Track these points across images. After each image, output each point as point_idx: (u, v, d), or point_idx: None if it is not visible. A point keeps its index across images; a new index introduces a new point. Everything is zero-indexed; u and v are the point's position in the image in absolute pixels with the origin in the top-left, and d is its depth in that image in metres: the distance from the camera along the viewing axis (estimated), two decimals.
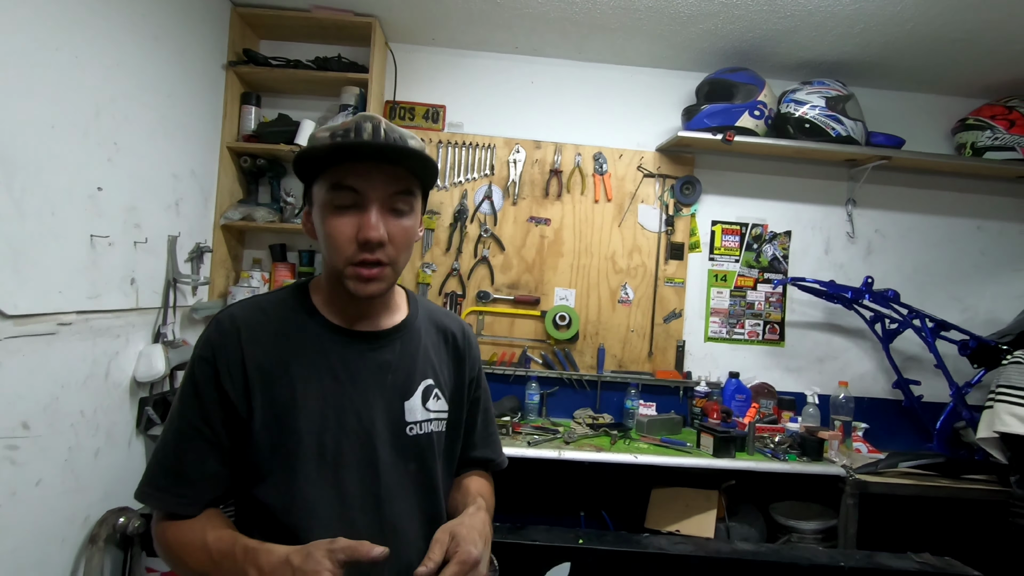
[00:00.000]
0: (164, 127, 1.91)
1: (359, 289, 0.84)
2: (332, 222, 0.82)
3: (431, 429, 0.92)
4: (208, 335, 0.86)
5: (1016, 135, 2.41)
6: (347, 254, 0.82)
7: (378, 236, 0.81)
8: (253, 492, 0.83)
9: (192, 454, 0.82)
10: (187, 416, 0.83)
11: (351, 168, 0.81)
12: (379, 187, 0.82)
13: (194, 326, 2.20)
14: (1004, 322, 2.63)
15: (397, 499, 0.87)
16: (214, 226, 2.28)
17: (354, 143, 0.79)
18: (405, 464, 0.89)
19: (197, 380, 0.83)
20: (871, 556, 1.92)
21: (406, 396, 0.91)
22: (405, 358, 0.92)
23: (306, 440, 0.83)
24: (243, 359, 0.84)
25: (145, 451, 1.94)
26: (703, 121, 2.36)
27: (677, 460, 2.08)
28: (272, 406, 0.83)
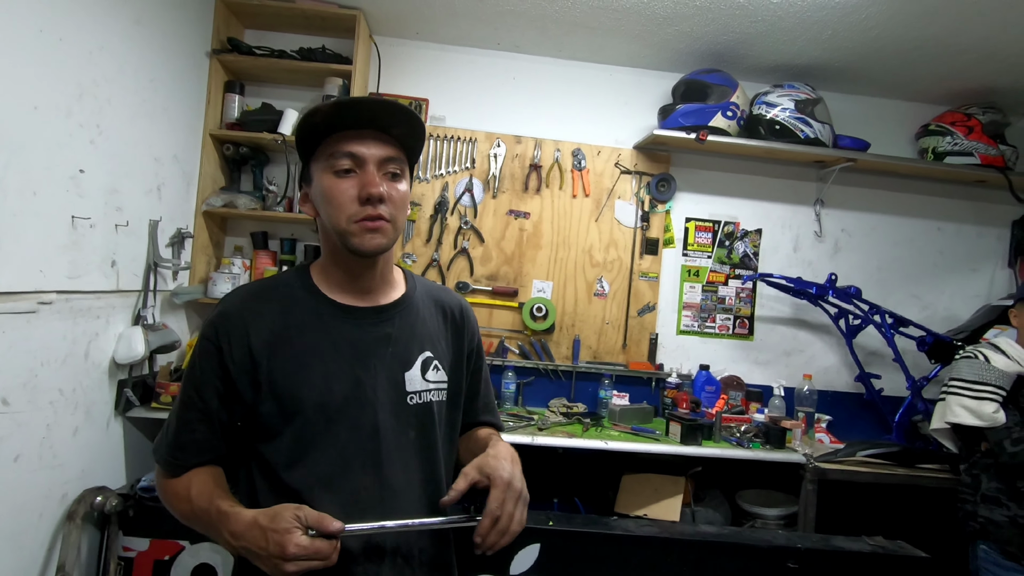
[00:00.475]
0: (147, 112, 1.93)
1: (364, 242, 0.89)
2: (334, 184, 0.88)
3: (431, 399, 0.98)
4: (213, 317, 0.92)
5: (974, 141, 2.52)
6: (350, 212, 0.88)
7: (379, 191, 0.87)
8: (261, 449, 0.90)
9: (185, 423, 0.91)
10: (186, 389, 0.92)
11: (347, 135, 0.87)
12: (375, 150, 0.88)
13: (174, 310, 2.23)
14: (961, 319, 2.76)
15: (397, 463, 0.92)
16: (196, 212, 2.30)
17: (355, 99, 0.88)
18: (405, 431, 0.95)
19: (198, 358, 0.91)
20: (827, 539, 2.01)
21: (406, 367, 0.96)
22: (404, 331, 0.98)
23: (310, 406, 0.89)
24: (248, 337, 0.90)
25: (124, 433, 1.97)
26: (678, 120, 2.43)
27: (646, 447, 2.16)
28: (278, 376, 0.89)
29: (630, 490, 2.29)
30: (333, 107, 0.86)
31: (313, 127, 0.89)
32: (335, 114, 0.87)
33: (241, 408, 0.91)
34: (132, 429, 2.01)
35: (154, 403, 2.01)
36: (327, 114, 0.87)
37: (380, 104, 0.88)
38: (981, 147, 2.52)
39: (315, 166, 0.92)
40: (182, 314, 2.29)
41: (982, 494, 1.98)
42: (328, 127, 0.88)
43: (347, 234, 0.90)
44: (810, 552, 1.91)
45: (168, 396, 2.01)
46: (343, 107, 0.87)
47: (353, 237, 0.89)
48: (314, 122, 0.88)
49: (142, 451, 2.05)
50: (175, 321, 2.22)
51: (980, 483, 1.99)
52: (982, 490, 1.99)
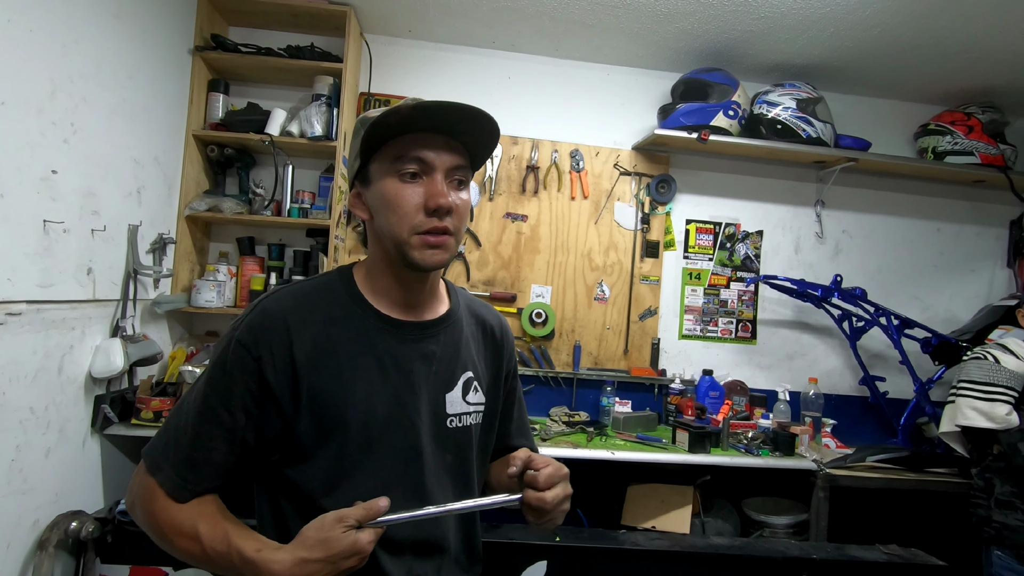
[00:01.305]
0: (126, 111, 1.82)
1: (425, 258, 0.82)
2: (400, 190, 0.82)
3: (469, 422, 0.92)
4: (251, 321, 0.81)
5: (974, 140, 2.50)
6: (414, 222, 0.81)
7: (448, 202, 0.81)
8: (288, 472, 0.82)
9: (204, 439, 0.80)
10: (210, 400, 0.80)
11: (416, 139, 0.81)
12: (444, 158, 0.83)
13: (155, 320, 2.11)
14: (961, 320, 2.73)
15: (437, 489, 0.86)
16: (178, 216, 2.19)
17: (437, 103, 0.79)
18: (443, 455, 0.89)
19: (230, 365, 0.79)
20: (841, 548, 1.95)
21: (448, 388, 0.90)
22: (448, 349, 0.92)
23: (353, 427, 0.81)
24: (291, 347, 0.81)
25: (101, 452, 1.84)
26: (679, 120, 2.38)
27: (653, 456, 2.08)
28: (320, 392, 0.81)
29: (636, 501, 2.21)
30: (413, 110, 0.78)
31: (385, 128, 0.81)
32: (412, 117, 0.79)
33: (274, 428, 0.81)
34: (110, 448, 1.88)
35: (134, 419, 1.88)
36: (405, 116, 0.79)
37: (461, 110, 0.80)
38: (981, 146, 2.50)
39: (376, 167, 0.84)
40: (164, 324, 2.17)
41: (995, 498, 1.94)
42: (397, 128, 0.81)
43: (407, 246, 0.82)
44: (825, 563, 1.84)
45: (149, 412, 1.89)
46: (422, 110, 0.79)
47: (413, 251, 0.82)
48: (388, 123, 0.80)
49: (121, 471, 1.92)
50: (156, 332, 2.10)
51: (993, 487, 1.95)
52: (995, 494, 1.94)
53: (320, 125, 2.22)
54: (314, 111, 2.22)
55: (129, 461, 1.97)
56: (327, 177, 2.38)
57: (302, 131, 2.24)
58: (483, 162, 0.91)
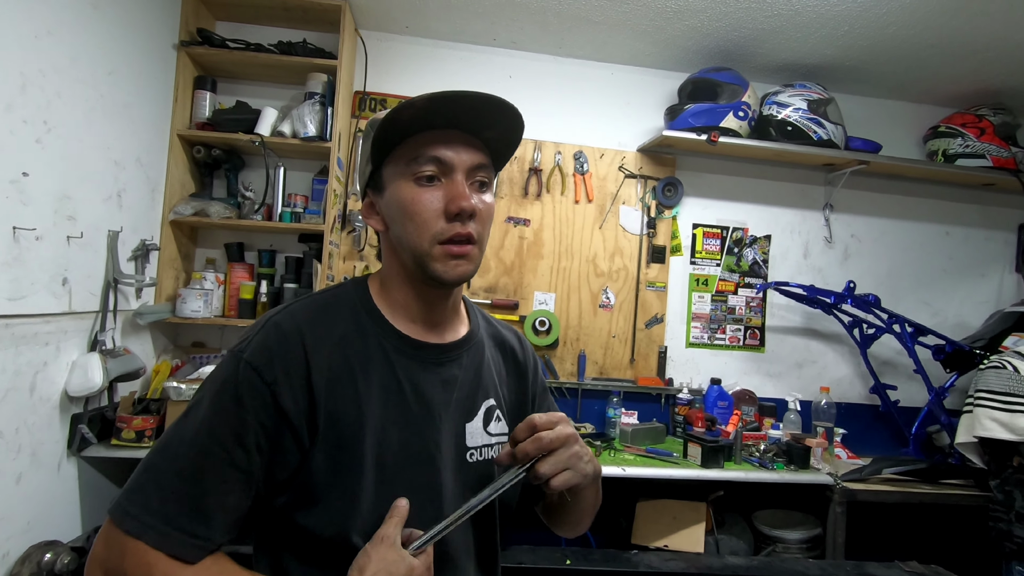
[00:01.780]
0: (105, 108, 1.70)
1: (448, 270, 0.73)
2: (416, 195, 0.73)
3: (491, 455, 0.82)
4: (264, 339, 0.70)
5: (986, 143, 2.45)
6: (435, 230, 0.72)
7: (471, 205, 0.72)
8: (298, 518, 0.70)
9: (216, 483, 0.65)
10: (217, 432, 0.66)
11: (432, 137, 0.73)
12: (464, 156, 0.74)
13: (138, 332, 1.98)
14: (971, 326, 2.68)
15: (456, 532, 0.75)
16: (162, 221, 2.06)
17: (454, 93, 0.69)
18: (462, 492, 0.78)
19: (241, 392, 0.67)
20: (860, 567, 1.88)
21: (468, 417, 0.80)
22: (469, 374, 0.82)
23: (369, 463, 0.71)
24: (309, 370, 0.70)
25: (79, 476, 1.71)
26: (687, 120, 2.30)
27: (666, 472, 1.99)
28: (337, 423, 0.70)
29: (647, 518, 2.12)
30: (427, 101, 0.69)
31: (398, 126, 0.72)
32: (427, 109, 0.70)
33: (288, 465, 0.69)
34: (89, 471, 1.75)
35: (114, 440, 1.76)
36: (420, 109, 0.70)
37: (482, 100, 0.71)
38: (993, 149, 2.45)
39: (389, 171, 0.75)
40: (147, 336, 2.04)
41: (1016, 512, 1.87)
42: (410, 126, 0.73)
43: (428, 258, 0.73)
44: None
45: (131, 431, 1.76)
46: (439, 102, 0.69)
47: (435, 263, 0.73)
48: (402, 119, 0.70)
49: (101, 495, 1.80)
50: (139, 345, 1.97)
51: (1014, 501, 1.88)
52: (1016, 508, 1.88)
53: (313, 125, 2.10)
54: (307, 110, 2.11)
55: (110, 484, 1.84)
56: (321, 180, 2.27)
57: (294, 131, 2.12)
58: (506, 161, 0.81)
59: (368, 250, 2.37)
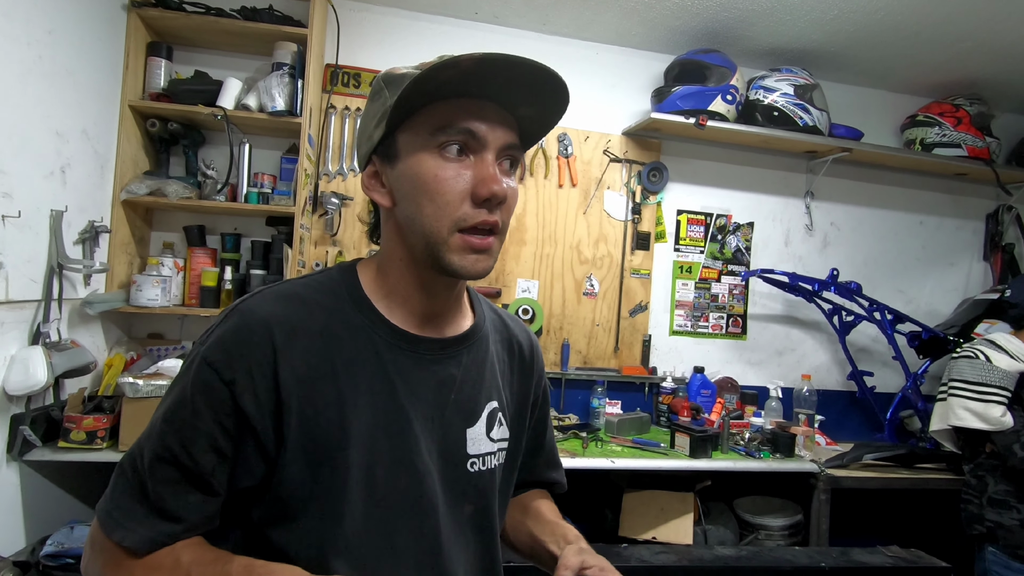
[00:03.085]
0: (44, 72, 1.51)
1: (465, 266, 0.64)
2: (440, 171, 0.62)
3: (494, 463, 0.73)
4: (223, 333, 0.62)
5: (962, 132, 2.48)
6: (457, 214, 0.63)
7: (503, 190, 0.63)
8: (271, 535, 0.62)
9: (169, 486, 0.60)
10: (167, 438, 0.60)
11: (466, 105, 0.63)
12: (499, 133, 0.64)
13: (87, 323, 1.80)
14: (942, 313, 2.74)
15: (455, 549, 0.68)
16: (113, 201, 1.88)
17: (508, 57, 0.59)
18: (461, 505, 0.70)
19: (192, 392, 0.60)
20: (846, 553, 1.89)
21: (469, 422, 0.71)
22: (471, 373, 0.72)
23: (355, 474, 0.62)
24: (276, 367, 0.61)
25: (21, 483, 1.55)
26: (675, 103, 2.24)
27: (654, 463, 1.95)
28: (313, 430, 0.62)
29: (634, 510, 2.08)
30: (476, 63, 0.59)
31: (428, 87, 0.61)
32: (472, 73, 0.60)
33: (254, 474, 0.61)
34: (33, 476, 1.58)
35: (62, 442, 1.59)
36: (464, 71, 0.59)
37: (533, 70, 0.61)
38: (969, 139, 2.48)
39: (407, 138, 0.65)
40: (98, 327, 1.86)
41: (989, 497, 1.91)
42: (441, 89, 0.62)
43: (443, 247, 0.63)
44: (834, 571, 1.77)
45: (81, 432, 1.60)
46: (489, 64, 0.59)
47: (451, 254, 0.63)
48: (439, 80, 0.60)
49: (47, 503, 1.63)
50: (88, 336, 1.79)
51: (987, 485, 1.92)
52: (989, 493, 1.91)
53: (282, 98, 1.94)
54: (275, 82, 1.94)
55: (57, 490, 1.68)
56: (290, 158, 2.11)
57: (261, 105, 1.96)
58: (533, 144, 0.72)
59: (344, 233, 2.23)
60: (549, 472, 0.89)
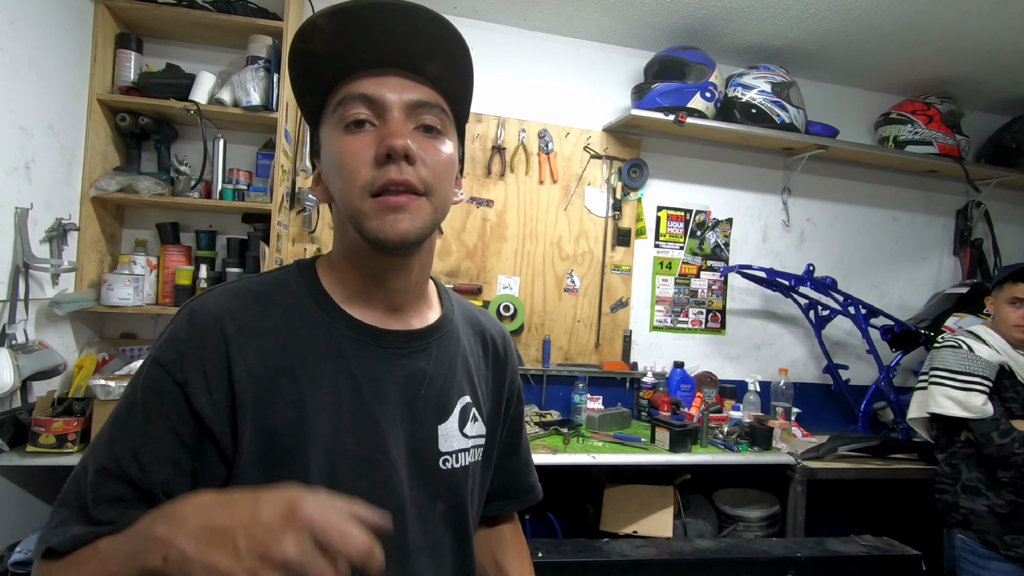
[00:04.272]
0: (5, 63, 1.46)
1: (383, 228, 0.60)
2: (344, 144, 0.61)
3: (468, 460, 0.71)
4: (174, 331, 0.59)
5: (933, 130, 2.54)
6: (364, 179, 0.60)
7: (403, 143, 0.59)
8: None
9: (112, 503, 0.55)
10: (115, 446, 0.56)
11: (361, 76, 0.61)
12: (397, 92, 0.61)
13: (55, 324, 1.75)
14: (914, 307, 2.80)
15: (425, 550, 0.66)
16: (82, 198, 1.83)
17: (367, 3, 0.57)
18: (432, 504, 0.68)
19: (143, 396, 0.57)
20: (821, 543, 1.93)
21: (441, 418, 0.69)
22: (442, 366, 0.70)
23: (316, 475, 0.59)
24: (229, 365, 0.58)
25: None
26: (655, 100, 2.24)
27: (635, 458, 1.97)
28: (272, 429, 0.59)
29: (615, 505, 2.10)
30: (329, 18, 0.56)
31: (311, 64, 0.59)
32: (342, 34, 0.58)
33: (217, 478, 0.58)
34: (1, 482, 1.54)
35: (30, 446, 1.55)
36: (329, 33, 0.57)
37: (406, 12, 0.58)
38: (940, 136, 2.53)
39: (325, 130, 0.64)
40: (67, 327, 1.81)
41: (962, 484, 1.96)
42: (333, 68, 0.61)
43: (361, 216, 0.60)
44: (810, 560, 1.81)
45: (50, 436, 1.55)
46: (343, 17, 0.57)
47: (369, 220, 0.60)
48: (311, 51, 0.58)
49: (16, 509, 1.59)
50: (57, 337, 1.74)
51: (960, 473, 1.98)
52: (963, 480, 1.97)
53: (257, 93, 1.91)
54: (249, 76, 1.91)
55: (27, 495, 1.63)
56: (266, 154, 2.07)
57: (236, 99, 1.92)
58: (466, 101, 0.68)
59: (323, 231, 2.20)
60: (527, 478, 0.88)
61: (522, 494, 0.87)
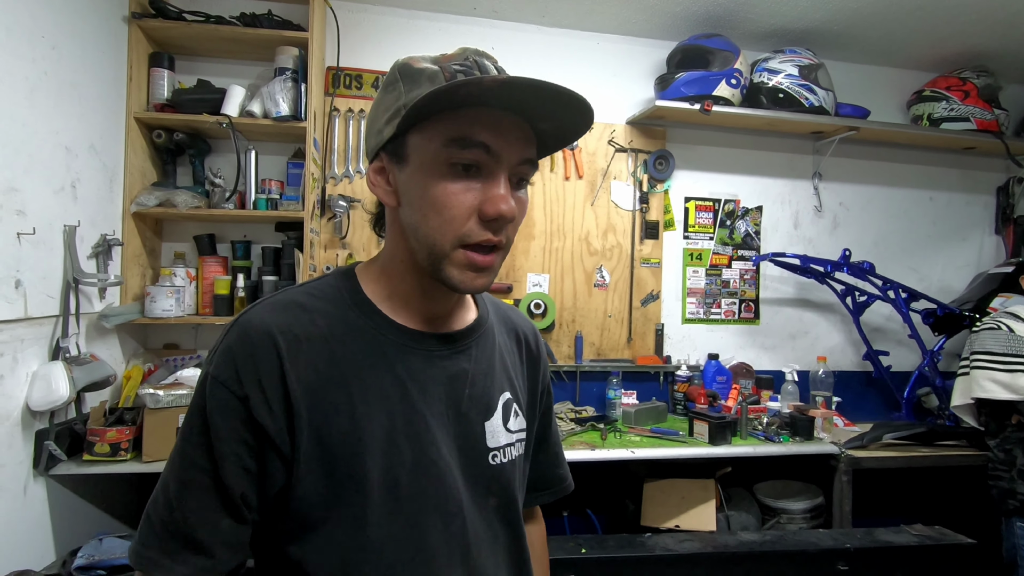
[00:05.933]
0: (49, 87, 1.51)
1: (464, 281, 0.63)
2: (449, 186, 0.61)
3: (514, 454, 0.73)
4: (228, 346, 0.61)
5: (970, 106, 2.46)
6: (462, 231, 0.61)
7: (512, 210, 0.61)
8: (291, 551, 0.61)
9: (201, 513, 0.59)
10: (191, 461, 0.60)
11: (483, 117, 0.60)
12: (516, 149, 0.62)
13: (104, 337, 1.81)
14: (955, 290, 2.72)
15: (484, 545, 0.67)
16: (123, 214, 1.89)
17: (530, 82, 0.57)
18: (486, 499, 0.69)
19: (208, 411, 0.59)
20: (870, 533, 1.89)
21: (486, 415, 0.71)
22: (482, 366, 0.72)
23: (373, 478, 0.61)
24: (283, 377, 0.60)
25: (47, 496, 1.56)
26: (680, 90, 2.22)
27: (674, 452, 1.95)
28: (327, 437, 0.61)
29: (655, 499, 2.08)
30: (501, 85, 0.57)
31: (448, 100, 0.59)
32: (491, 93, 0.59)
33: (276, 484, 0.61)
34: (59, 491, 1.60)
35: (86, 455, 1.60)
36: (484, 89, 0.58)
37: (556, 93, 0.59)
38: (977, 111, 2.45)
39: (418, 141, 0.62)
40: (114, 340, 1.87)
41: (1018, 470, 1.90)
42: (461, 98, 0.60)
43: (445, 260, 0.62)
44: (860, 551, 1.77)
45: (104, 445, 1.61)
46: (510, 88, 0.58)
47: (451, 267, 0.62)
48: (456, 95, 0.58)
49: (75, 517, 1.64)
50: (106, 350, 1.80)
51: (1015, 458, 1.91)
52: (1018, 466, 1.90)
53: (286, 103, 1.94)
54: (278, 87, 1.94)
55: (84, 503, 1.69)
56: (296, 163, 2.11)
57: (265, 111, 1.96)
58: (551, 153, 0.71)
59: (353, 235, 2.23)
60: (556, 469, 0.88)
61: (554, 485, 0.87)
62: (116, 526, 1.80)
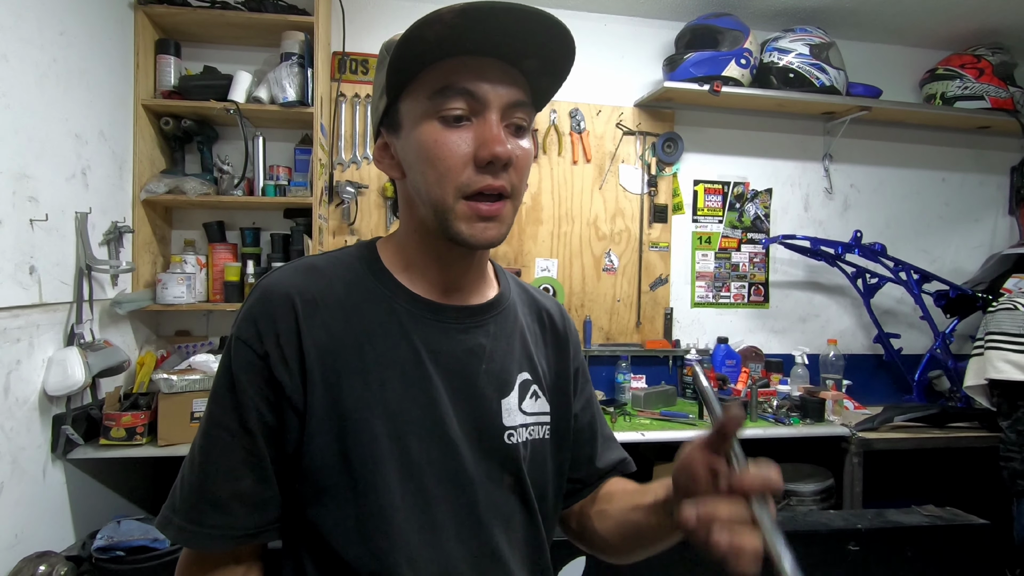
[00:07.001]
0: (59, 74, 1.51)
1: (475, 233, 0.62)
2: (441, 137, 0.60)
3: (528, 436, 0.70)
4: (249, 309, 0.63)
5: (985, 83, 2.41)
6: (460, 180, 0.60)
7: (507, 151, 0.60)
8: (309, 514, 0.62)
9: (223, 470, 0.61)
10: (217, 419, 0.61)
11: (462, 64, 0.60)
12: (502, 91, 0.61)
13: (117, 323, 1.83)
14: (967, 271, 2.69)
15: (497, 522, 0.67)
16: (133, 201, 1.89)
17: (491, 3, 0.55)
18: (500, 477, 0.68)
19: (234, 370, 0.61)
20: (881, 514, 1.88)
21: (503, 392, 0.69)
22: (500, 343, 0.70)
23: (384, 445, 0.61)
24: (299, 338, 0.61)
25: (66, 479, 1.58)
26: (688, 71, 2.19)
27: (685, 434, 1.95)
28: (338, 398, 0.61)
29: None
30: (458, 15, 0.55)
31: (419, 49, 0.58)
32: (458, 27, 0.57)
33: (288, 443, 0.62)
34: (77, 474, 1.62)
35: (103, 439, 1.62)
36: (449, 26, 0.56)
37: (527, 15, 0.57)
38: (992, 89, 2.41)
39: (408, 106, 0.63)
40: (127, 327, 1.89)
41: None
42: (435, 51, 0.59)
43: (450, 214, 0.62)
44: (871, 532, 1.77)
45: (120, 429, 1.63)
46: (472, 15, 0.56)
47: (458, 222, 0.62)
48: (425, 39, 0.57)
49: (92, 499, 1.67)
50: (120, 336, 1.82)
51: None
52: None
53: (293, 89, 1.94)
54: (285, 72, 1.94)
55: (102, 487, 1.72)
56: (304, 149, 2.11)
57: (272, 96, 1.95)
58: (548, 99, 0.69)
59: (361, 222, 2.23)
60: (611, 452, 0.83)
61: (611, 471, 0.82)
62: (133, 509, 1.83)
